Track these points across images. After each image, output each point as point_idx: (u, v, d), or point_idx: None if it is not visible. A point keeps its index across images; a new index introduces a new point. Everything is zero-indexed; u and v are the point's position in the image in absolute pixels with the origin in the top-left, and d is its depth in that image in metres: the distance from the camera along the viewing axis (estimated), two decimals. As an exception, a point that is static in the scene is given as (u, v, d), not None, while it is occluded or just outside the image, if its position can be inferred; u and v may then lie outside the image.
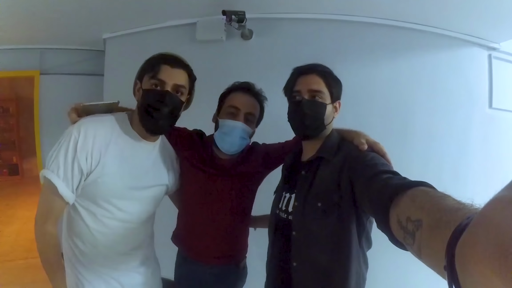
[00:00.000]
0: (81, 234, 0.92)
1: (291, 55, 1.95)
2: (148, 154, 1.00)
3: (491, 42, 2.08)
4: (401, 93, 2.02)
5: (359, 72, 2.00)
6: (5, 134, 5.84)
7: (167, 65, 0.91)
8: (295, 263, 0.89)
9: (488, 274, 0.23)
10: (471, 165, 2.06)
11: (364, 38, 2.02)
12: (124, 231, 0.97)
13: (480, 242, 0.24)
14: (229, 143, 1.08)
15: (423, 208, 0.45)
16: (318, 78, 0.93)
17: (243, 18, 1.85)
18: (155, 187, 1.03)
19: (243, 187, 1.17)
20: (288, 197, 0.96)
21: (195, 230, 1.18)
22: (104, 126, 0.91)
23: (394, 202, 0.54)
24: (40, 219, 0.86)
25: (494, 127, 2.11)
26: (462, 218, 0.34)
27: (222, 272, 1.20)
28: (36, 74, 2.91)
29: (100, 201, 0.91)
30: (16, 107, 5.73)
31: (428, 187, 0.53)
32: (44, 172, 0.86)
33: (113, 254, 0.97)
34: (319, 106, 0.92)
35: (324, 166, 0.89)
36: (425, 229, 0.42)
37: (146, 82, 0.93)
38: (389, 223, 0.54)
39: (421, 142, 2.02)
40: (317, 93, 0.92)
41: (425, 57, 2.04)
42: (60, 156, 0.85)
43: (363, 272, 0.88)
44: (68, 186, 0.85)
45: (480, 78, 2.10)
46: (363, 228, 0.85)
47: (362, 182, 0.73)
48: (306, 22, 2.04)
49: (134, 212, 0.98)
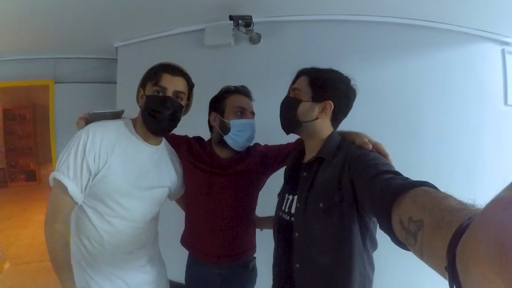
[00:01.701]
0: (88, 233, 0.97)
1: (299, 57, 1.95)
2: (150, 156, 1.06)
3: (504, 37, 2.02)
4: (411, 93, 1.99)
5: (367, 72, 1.97)
6: (22, 141, 6.04)
7: (168, 73, 1.00)
8: (297, 264, 0.89)
9: (489, 274, 0.23)
10: (485, 165, 2.00)
11: (372, 37, 2.00)
12: (129, 230, 1.01)
13: (481, 243, 0.24)
14: (247, 138, 1.17)
15: (424, 209, 0.45)
16: (304, 77, 0.96)
17: (250, 22, 1.87)
18: (158, 188, 1.08)
19: (243, 185, 1.20)
20: (291, 198, 0.97)
21: (199, 230, 1.21)
22: (110, 130, 0.98)
23: (396, 202, 0.54)
24: (50, 219, 0.89)
25: (509, 124, 2.04)
26: (464, 219, 0.34)
27: (230, 273, 1.21)
28: (51, 82, 3.01)
29: (106, 200, 0.96)
30: (33, 115, 5.93)
31: (430, 187, 0.52)
32: (54, 174, 0.91)
33: (119, 253, 1.01)
34: (289, 102, 0.96)
35: (325, 167, 0.89)
36: (427, 229, 0.42)
37: (148, 89, 1.01)
38: (391, 223, 0.54)
39: (433, 142, 1.98)
40: (296, 90, 0.96)
41: (435, 54, 1.99)
42: (70, 158, 0.90)
43: (368, 273, 0.87)
44: (77, 186, 0.90)
45: (494, 74, 2.04)
46: (366, 228, 0.84)
47: (363, 182, 0.72)
48: (313, 24, 2.04)
49: (138, 211, 1.02)
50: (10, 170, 5.94)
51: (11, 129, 5.97)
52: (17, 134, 6.02)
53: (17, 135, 6.02)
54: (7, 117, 5.88)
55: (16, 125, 5.99)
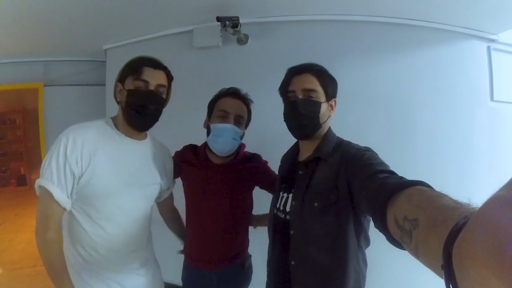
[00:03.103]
0: (81, 239, 0.94)
1: (288, 58, 1.94)
2: (137, 152, 1.03)
3: (490, 34, 2.06)
4: (402, 91, 2.01)
5: (358, 72, 2.00)
6: (13, 145, 5.94)
7: (149, 67, 0.97)
8: (294, 262, 0.90)
9: (486, 273, 0.23)
10: (477, 160, 2.03)
11: (361, 37, 2.02)
12: (122, 232, 0.99)
13: (478, 242, 0.24)
14: (221, 144, 1.13)
15: (419, 207, 0.45)
16: (312, 77, 0.93)
17: (237, 23, 1.89)
18: (148, 186, 1.06)
19: (237, 190, 1.20)
20: (286, 197, 0.97)
21: (198, 234, 1.22)
22: (91, 130, 0.95)
23: (391, 201, 0.54)
24: (41, 228, 0.87)
25: (497, 120, 2.08)
26: (459, 217, 0.34)
27: (226, 273, 1.23)
28: (40, 85, 2.98)
29: (95, 202, 0.93)
30: (23, 119, 5.83)
31: (424, 186, 0.53)
32: (39, 181, 0.88)
33: (113, 257, 0.98)
34: (313, 105, 0.92)
35: (321, 166, 0.90)
36: (422, 228, 0.42)
37: (129, 83, 0.97)
38: (386, 222, 0.54)
39: (425, 139, 2.00)
40: (311, 92, 0.92)
41: (425, 53, 2.03)
42: (52, 163, 0.88)
43: (362, 270, 0.89)
44: (62, 191, 0.87)
45: (481, 71, 2.08)
46: (361, 227, 0.86)
47: (359, 182, 0.73)
48: (302, 24, 2.06)
49: (129, 211, 1.00)
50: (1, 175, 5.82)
51: (1, 133, 5.86)
52: (7, 138, 5.90)
53: (8, 140, 5.91)
54: (-3, 122, 5.80)
55: (7, 130, 5.88)
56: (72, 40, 2.49)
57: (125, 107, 0.97)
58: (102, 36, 2.42)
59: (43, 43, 2.56)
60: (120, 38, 2.43)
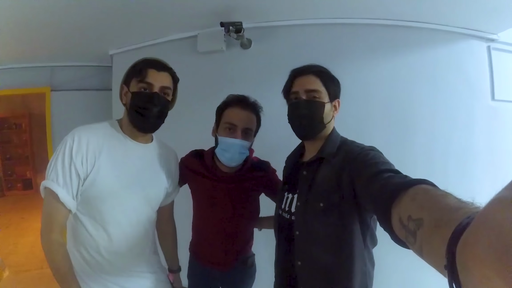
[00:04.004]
0: (84, 242, 0.93)
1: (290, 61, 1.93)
2: (141, 155, 1.02)
3: (489, 34, 2.07)
4: (402, 92, 2.03)
5: (359, 73, 2.02)
6: (19, 149, 6.02)
7: (154, 69, 0.97)
8: (299, 262, 0.90)
9: (489, 273, 0.23)
10: (477, 160, 2.04)
11: (361, 39, 2.05)
12: (125, 235, 0.97)
13: (481, 242, 0.24)
14: (229, 159, 1.11)
15: (423, 207, 0.46)
16: (315, 78, 0.93)
17: (240, 28, 1.92)
18: (153, 188, 1.05)
19: (243, 198, 1.21)
20: (291, 197, 0.97)
21: (204, 237, 1.26)
22: (96, 132, 0.95)
23: (395, 201, 0.54)
24: (45, 230, 0.85)
25: (498, 119, 2.09)
26: (463, 217, 0.34)
27: (232, 274, 1.26)
28: (47, 90, 3.03)
29: (99, 205, 0.92)
30: (29, 123, 5.92)
31: (429, 185, 0.52)
32: (44, 183, 0.87)
33: (117, 260, 0.97)
34: (316, 106, 0.92)
35: (325, 166, 0.90)
36: (426, 228, 0.42)
37: (134, 85, 0.97)
38: (391, 222, 0.54)
39: (425, 139, 2.02)
40: (314, 92, 0.92)
41: (424, 54, 2.04)
42: (58, 165, 0.87)
43: (369, 270, 0.88)
44: (68, 192, 0.86)
45: (481, 70, 2.09)
46: (367, 226, 0.86)
47: (363, 181, 0.73)
48: (303, 28, 2.09)
49: (132, 214, 0.98)
50: (7, 179, 5.92)
51: (7, 138, 5.95)
52: (13, 142, 6.00)
53: (14, 144, 6.00)
54: (3, 126, 5.87)
55: (13, 134, 5.98)
56: (78, 45, 2.53)
57: (129, 109, 0.97)
58: (108, 42, 2.46)
59: (49, 48, 2.60)
60: (126, 43, 2.47)
